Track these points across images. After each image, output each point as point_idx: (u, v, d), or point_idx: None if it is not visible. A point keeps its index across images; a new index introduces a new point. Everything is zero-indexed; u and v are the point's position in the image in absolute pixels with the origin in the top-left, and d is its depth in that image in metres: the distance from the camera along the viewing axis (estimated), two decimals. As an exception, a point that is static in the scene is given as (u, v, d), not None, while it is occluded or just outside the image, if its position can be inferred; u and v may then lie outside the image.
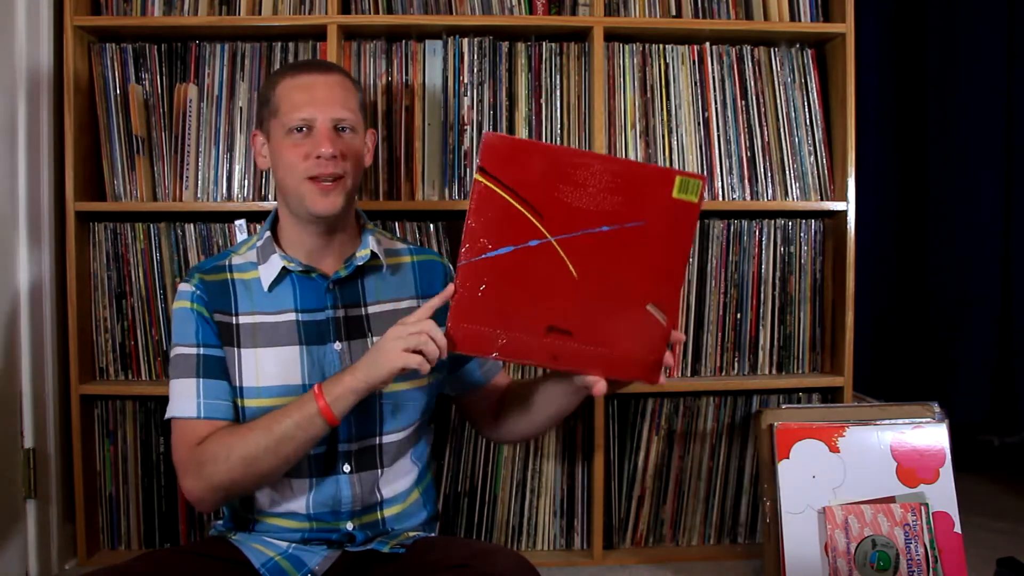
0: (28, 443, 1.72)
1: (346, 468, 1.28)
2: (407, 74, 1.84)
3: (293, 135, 1.25)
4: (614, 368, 1.16)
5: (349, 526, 1.29)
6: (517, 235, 1.13)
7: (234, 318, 1.28)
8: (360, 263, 1.31)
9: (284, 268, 1.29)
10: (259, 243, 1.33)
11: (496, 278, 1.14)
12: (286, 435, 1.17)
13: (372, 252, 1.31)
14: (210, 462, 1.19)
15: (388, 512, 1.32)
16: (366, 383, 1.16)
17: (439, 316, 1.15)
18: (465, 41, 1.83)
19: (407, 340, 1.13)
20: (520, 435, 1.44)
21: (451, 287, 1.14)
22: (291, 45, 1.83)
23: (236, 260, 1.33)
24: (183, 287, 1.30)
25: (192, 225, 1.81)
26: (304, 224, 1.29)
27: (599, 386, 1.15)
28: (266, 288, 1.29)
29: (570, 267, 1.14)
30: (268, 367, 1.26)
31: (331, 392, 1.17)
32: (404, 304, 1.35)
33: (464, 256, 1.14)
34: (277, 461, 1.19)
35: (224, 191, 1.81)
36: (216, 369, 1.26)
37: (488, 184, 1.13)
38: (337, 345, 1.28)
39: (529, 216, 1.13)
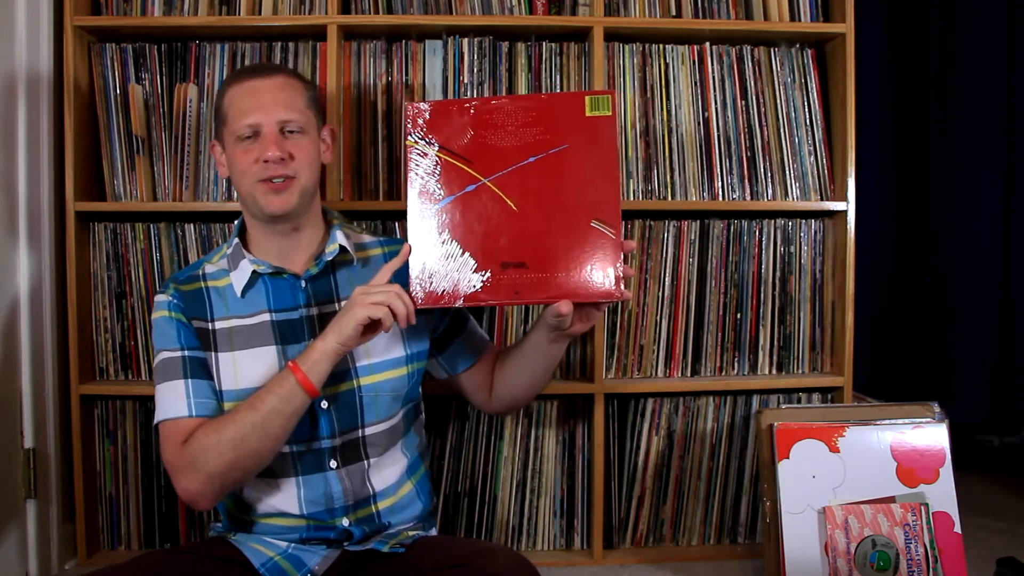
0: (28, 443, 1.72)
1: (332, 464, 1.29)
2: (407, 74, 1.84)
3: (242, 142, 1.27)
4: (576, 290, 1.21)
5: (345, 522, 1.29)
6: (454, 185, 1.23)
7: (210, 324, 1.30)
8: (330, 258, 1.32)
9: (255, 272, 1.30)
10: (229, 251, 1.35)
11: (445, 228, 1.23)
12: (271, 410, 1.18)
13: (341, 247, 1.33)
14: (200, 452, 1.19)
15: (382, 504, 1.32)
16: (337, 342, 1.19)
17: (401, 279, 1.22)
18: (465, 41, 1.83)
19: (374, 296, 1.18)
20: (516, 397, 1.44)
21: (407, 247, 1.22)
22: (291, 45, 1.83)
23: (209, 269, 1.35)
24: (160, 298, 1.33)
25: (192, 225, 1.81)
26: (267, 226, 1.32)
27: (563, 306, 1.18)
28: (239, 293, 1.31)
29: (509, 202, 1.22)
30: (246, 369, 1.28)
31: (305, 362, 1.20)
32: None
33: (411, 216, 1.23)
34: (266, 438, 1.19)
35: (224, 191, 1.81)
36: (201, 369, 1.28)
37: (418, 147, 1.24)
38: (313, 340, 1.28)
39: (460, 165, 1.23)
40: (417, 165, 1.24)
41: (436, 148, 1.24)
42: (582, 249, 1.20)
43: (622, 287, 1.20)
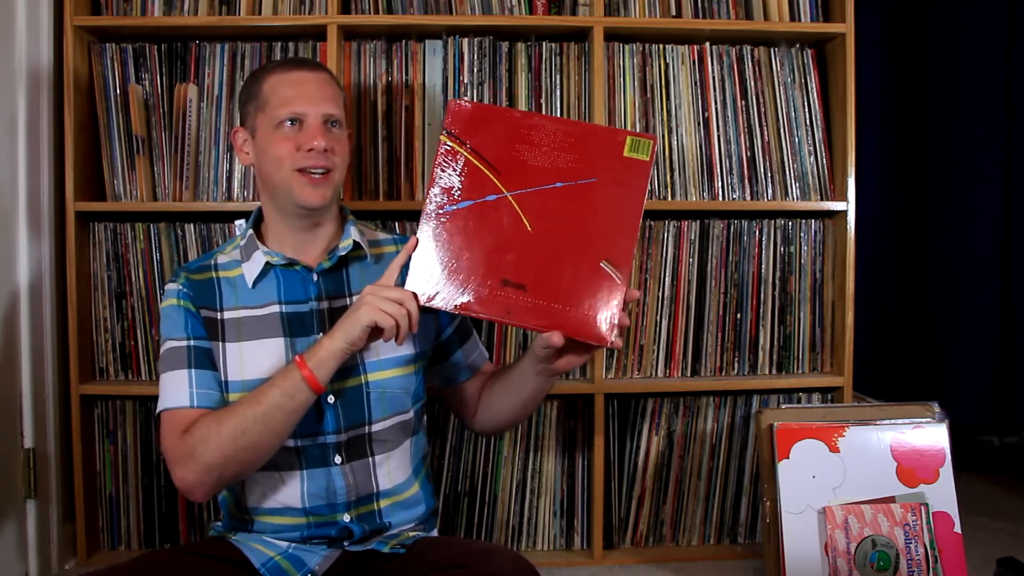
0: (28, 443, 1.72)
1: (337, 459, 1.28)
2: (407, 74, 1.84)
3: (283, 128, 1.27)
4: (568, 325, 1.18)
5: (346, 518, 1.29)
6: (476, 191, 1.21)
7: (219, 313, 1.30)
8: (343, 253, 1.32)
9: (267, 263, 1.30)
10: (242, 243, 1.34)
11: (456, 231, 1.20)
12: (274, 404, 1.18)
13: (355, 242, 1.33)
14: (200, 443, 1.18)
15: (384, 503, 1.32)
16: (344, 341, 1.18)
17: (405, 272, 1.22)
18: (465, 41, 1.83)
19: (384, 304, 1.17)
20: (498, 423, 1.44)
21: (413, 240, 1.21)
22: (291, 45, 1.83)
23: (221, 259, 1.35)
24: (170, 286, 1.32)
25: (192, 225, 1.81)
26: (290, 218, 1.32)
27: (555, 337, 1.16)
28: (250, 284, 1.30)
29: (525, 221, 1.20)
30: (253, 360, 1.27)
31: (312, 358, 1.19)
32: None
33: (426, 211, 1.21)
34: (267, 432, 1.18)
35: (224, 191, 1.81)
36: (206, 360, 1.27)
37: (452, 145, 1.22)
38: (321, 336, 1.27)
39: (488, 173, 1.21)
40: (445, 162, 1.22)
41: (468, 149, 1.22)
42: (585, 287, 1.18)
43: (614, 335, 1.17)
